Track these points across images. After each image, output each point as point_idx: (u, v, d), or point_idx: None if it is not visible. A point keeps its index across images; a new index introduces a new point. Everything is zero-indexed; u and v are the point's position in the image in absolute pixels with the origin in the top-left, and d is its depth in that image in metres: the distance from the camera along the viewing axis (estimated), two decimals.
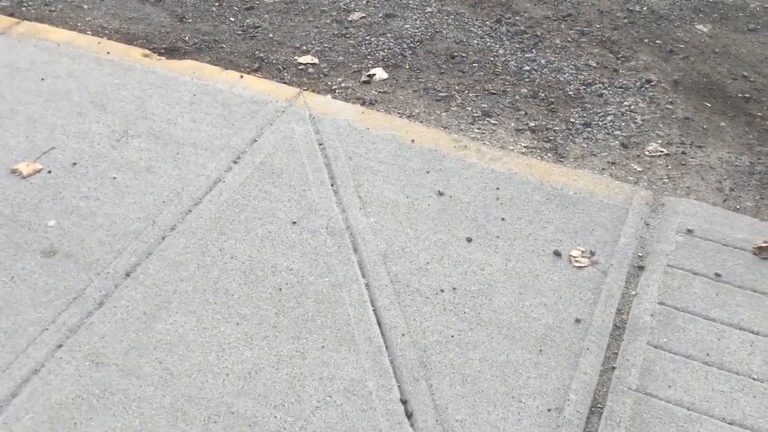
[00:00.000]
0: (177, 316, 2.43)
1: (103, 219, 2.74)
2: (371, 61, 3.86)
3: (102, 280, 2.52)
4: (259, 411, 2.18)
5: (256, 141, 3.15)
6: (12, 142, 3.04)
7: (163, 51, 3.78)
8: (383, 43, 4.01)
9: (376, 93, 3.62)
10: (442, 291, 2.58)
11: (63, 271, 2.54)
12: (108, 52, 3.60)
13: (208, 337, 2.37)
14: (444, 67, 3.84)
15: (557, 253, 2.73)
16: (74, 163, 2.96)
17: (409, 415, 2.19)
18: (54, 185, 2.86)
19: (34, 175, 2.90)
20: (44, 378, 2.23)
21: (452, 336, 2.43)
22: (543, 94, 3.66)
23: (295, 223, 2.79)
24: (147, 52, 3.68)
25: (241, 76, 3.53)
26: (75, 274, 2.53)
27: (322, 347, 2.37)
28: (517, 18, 4.29)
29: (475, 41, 4.06)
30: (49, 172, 2.92)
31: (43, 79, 3.40)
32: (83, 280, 2.51)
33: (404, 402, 2.23)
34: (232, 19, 4.18)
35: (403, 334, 2.42)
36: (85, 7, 4.17)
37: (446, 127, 3.39)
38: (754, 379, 2.33)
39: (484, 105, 3.57)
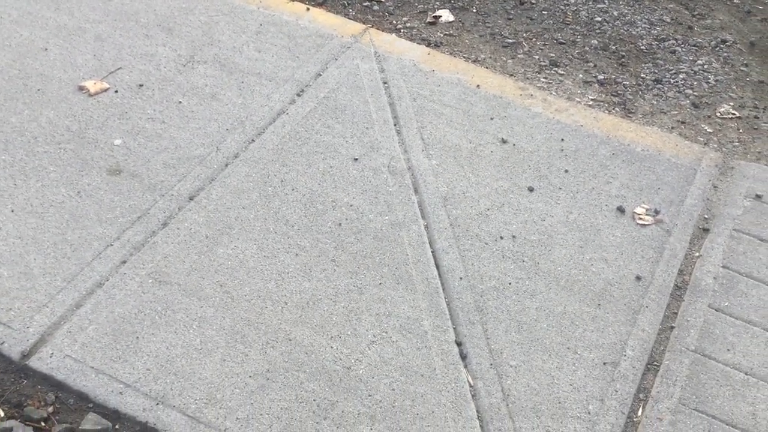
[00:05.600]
0: (238, 242, 2.45)
1: (168, 142, 2.76)
2: (437, 2, 3.78)
3: (166, 201, 2.55)
4: (316, 340, 2.20)
5: (320, 75, 3.12)
6: (80, 59, 3.06)
7: None
8: None
9: (442, 35, 3.55)
10: (501, 238, 2.56)
11: (128, 189, 2.57)
12: None
13: (267, 264, 2.39)
14: (512, 12, 3.75)
15: (621, 209, 2.69)
16: (141, 85, 2.97)
17: (463, 357, 2.20)
18: (120, 105, 2.88)
19: (101, 93, 2.92)
20: (108, 292, 2.27)
21: (510, 283, 2.42)
22: (614, 47, 3.56)
23: (356, 159, 2.77)
24: None
25: (308, 9, 3.48)
26: (140, 194, 2.56)
27: (380, 284, 2.38)
28: None
29: None
30: (116, 91, 2.93)
31: None
32: (148, 200, 2.54)
33: (459, 344, 2.24)
34: None
35: (461, 278, 2.41)
36: None
37: (512, 75, 3.32)
38: None
39: (551, 54, 3.49)
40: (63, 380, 2.05)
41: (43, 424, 1.98)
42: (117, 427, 1.99)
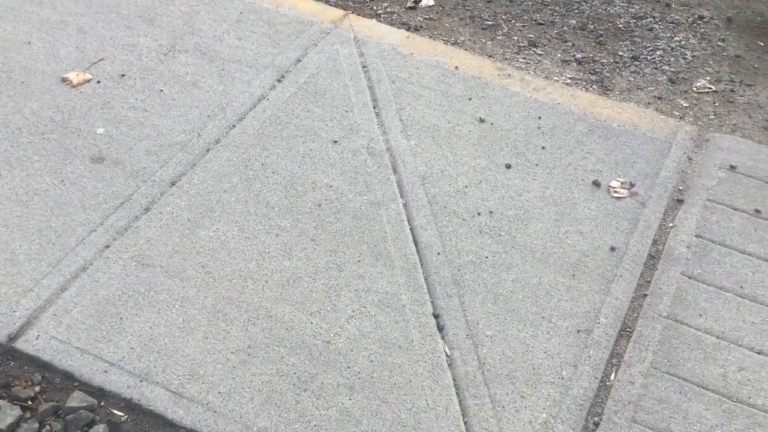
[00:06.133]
0: (220, 224, 2.50)
1: (150, 129, 2.81)
2: None
3: (148, 187, 2.60)
4: (296, 317, 2.26)
5: (300, 61, 3.16)
6: (62, 51, 3.10)
7: None
8: None
9: (422, 19, 3.59)
10: (478, 214, 2.60)
11: (111, 176, 2.62)
12: None
13: (249, 245, 2.44)
14: None
15: (596, 183, 2.73)
16: (122, 75, 3.01)
17: (440, 329, 2.25)
18: (103, 95, 2.93)
19: (84, 84, 2.96)
20: (92, 275, 2.32)
21: (486, 257, 2.47)
22: (592, 26, 3.60)
23: (336, 142, 2.82)
24: None
25: None
26: (122, 181, 2.61)
27: (359, 261, 2.42)
28: None
29: None
30: (98, 82, 2.98)
31: None
32: (130, 187, 2.59)
33: (436, 316, 2.29)
34: None
35: (438, 253, 2.46)
36: None
37: (491, 56, 3.36)
38: None
39: (530, 35, 3.52)
40: (49, 361, 2.11)
41: (30, 402, 2.03)
42: (102, 404, 2.04)
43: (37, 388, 2.06)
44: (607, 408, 2.08)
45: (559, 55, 3.41)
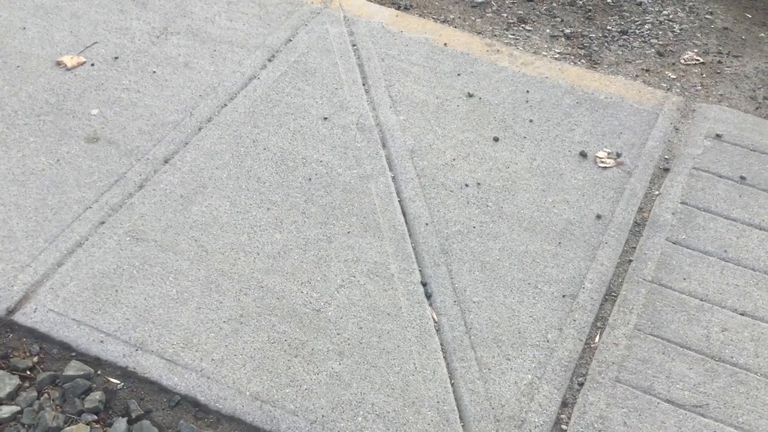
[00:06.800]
0: (212, 199, 2.55)
1: (143, 110, 2.85)
2: None
3: (142, 165, 2.64)
4: (287, 287, 2.31)
5: (290, 41, 3.20)
6: (57, 36, 3.15)
7: None
8: None
9: None
10: (466, 185, 2.65)
11: (105, 156, 2.67)
12: None
13: (240, 219, 2.49)
14: None
15: (583, 154, 2.77)
16: (116, 57, 3.06)
17: (428, 296, 2.30)
18: (97, 77, 2.97)
19: (78, 67, 3.01)
20: (88, 250, 2.38)
21: (474, 227, 2.51)
22: (581, 2, 3.62)
23: (326, 118, 2.86)
24: None
25: None
26: (117, 159, 2.66)
27: (348, 233, 2.47)
28: None
29: None
30: (92, 65, 3.02)
31: None
32: (124, 165, 2.64)
33: (424, 284, 2.33)
34: None
35: (427, 224, 2.51)
36: None
37: (480, 33, 3.39)
38: None
39: (520, 12, 3.55)
40: (47, 332, 2.16)
41: (28, 372, 2.09)
42: (99, 372, 2.10)
43: (35, 359, 2.12)
44: (592, 369, 2.12)
45: (547, 30, 3.44)
